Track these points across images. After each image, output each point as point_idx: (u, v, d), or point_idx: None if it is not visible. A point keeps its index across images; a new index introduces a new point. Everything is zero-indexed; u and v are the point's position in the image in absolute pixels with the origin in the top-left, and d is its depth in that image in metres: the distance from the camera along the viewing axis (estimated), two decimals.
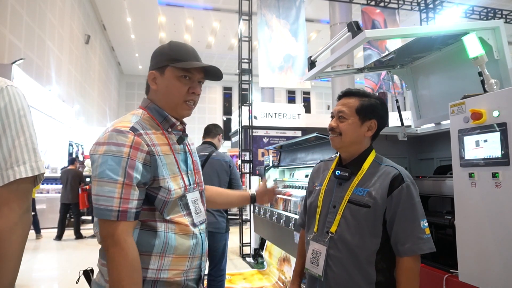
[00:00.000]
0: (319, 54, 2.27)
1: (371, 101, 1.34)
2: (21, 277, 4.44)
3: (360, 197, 1.27)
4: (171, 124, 1.17)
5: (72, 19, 12.36)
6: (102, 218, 0.99)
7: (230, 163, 3.02)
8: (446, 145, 1.69)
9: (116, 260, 0.96)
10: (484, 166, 1.41)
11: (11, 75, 6.52)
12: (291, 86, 7.45)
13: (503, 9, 10.40)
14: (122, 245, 0.97)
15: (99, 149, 1.02)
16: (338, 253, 1.27)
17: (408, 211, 1.23)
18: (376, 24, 9.27)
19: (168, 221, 1.08)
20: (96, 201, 0.99)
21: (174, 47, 1.16)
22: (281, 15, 7.45)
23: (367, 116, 1.33)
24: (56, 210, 7.42)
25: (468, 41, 1.72)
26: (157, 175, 1.06)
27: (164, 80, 1.14)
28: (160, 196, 1.06)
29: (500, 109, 1.36)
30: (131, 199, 0.99)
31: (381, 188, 1.26)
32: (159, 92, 1.16)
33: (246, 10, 6.31)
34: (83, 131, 13.57)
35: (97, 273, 1.10)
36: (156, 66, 1.15)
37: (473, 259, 1.45)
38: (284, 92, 24.46)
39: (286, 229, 3.30)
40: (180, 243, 1.09)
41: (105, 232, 0.99)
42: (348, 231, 1.27)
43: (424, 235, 1.22)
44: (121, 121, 1.09)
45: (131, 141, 1.02)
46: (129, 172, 1.00)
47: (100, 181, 0.99)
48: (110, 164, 0.99)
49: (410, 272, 1.22)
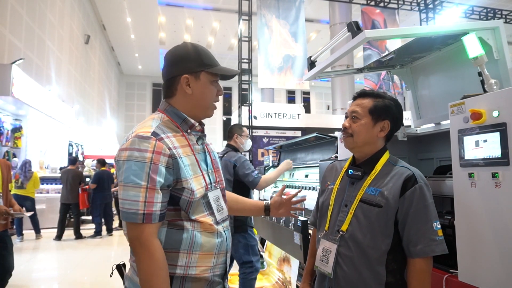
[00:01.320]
0: (319, 54, 2.27)
1: (385, 101, 1.34)
2: (21, 277, 4.45)
3: (373, 196, 1.27)
4: (190, 126, 1.20)
5: (72, 19, 12.37)
6: (128, 221, 1.04)
7: (236, 162, 2.96)
8: (446, 145, 1.69)
9: (143, 261, 1.02)
10: (483, 166, 1.41)
11: (11, 75, 6.52)
12: (290, 87, 7.47)
13: (503, 9, 10.40)
14: (148, 246, 1.02)
15: (123, 155, 1.06)
16: (349, 252, 1.27)
17: (421, 212, 1.22)
18: (376, 24, 9.28)
19: (193, 220, 1.12)
20: (122, 205, 1.04)
21: (202, 52, 1.20)
22: (281, 15, 7.45)
23: (381, 117, 1.33)
24: (56, 210, 7.42)
25: (468, 41, 1.72)
26: (180, 177, 1.10)
27: (199, 84, 1.19)
28: (184, 196, 1.11)
29: (500, 109, 1.36)
30: (155, 202, 1.04)
31: (394, 188, 1.25)
32: (193, 96, 1.19)
33: (246, 10, 6.32)
34: (83, 131, 13.56)
35: (129, 269, 1.16)
36: (190, 70, 1.18)
37: (473, 259, 1.45)
38: (284, 92, 24.47)
39: (286, 229, 3.29)
40: (206, 240, 1.13)
41: (132, 234, 1.04)
42: (360, 230, 1.26)
43: (436, 237, 1.21)
44: (142, 126, 1.12)
45: (153, 146, 1.06)
46: (152, 176, 1.04)
47: (125, 186, 1.04)
48: (134, 169, 1.03)
49: (421, 274, 1.21)
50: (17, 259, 3.36)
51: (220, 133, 24.26)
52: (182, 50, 1.20)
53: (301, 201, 1.59)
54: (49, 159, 10.22)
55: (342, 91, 11.20)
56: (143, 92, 23.86)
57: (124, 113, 23.64)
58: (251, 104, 6.19)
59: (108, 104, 19.94)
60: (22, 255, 5.84)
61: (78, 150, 13.82)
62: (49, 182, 8.56)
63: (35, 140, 9.53)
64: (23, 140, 8.68)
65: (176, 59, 1.19)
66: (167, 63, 1.21)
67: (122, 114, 23.56)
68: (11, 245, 3.15)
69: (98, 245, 6.63)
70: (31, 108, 7.83)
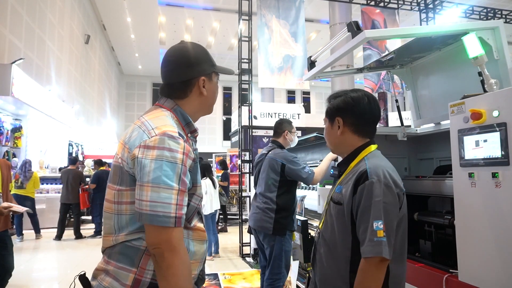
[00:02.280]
0: (319, 54, 2.27)
1: (335, 100, 1.36)
2: (21, 277, 4.45)
3: (337, 194, 1.29)
4: (192, 130, 1.19)
5: (72, 19, 12.36)
6: (158, 225, 0.96)
7: (284, 161, 2.77)
8: (446, 145, 1.69)
9: (176, 265, 0.96)
10: (484, 166, 1.41)
11: (11, 75, 6.52)
12: (290, 87, 7.46)
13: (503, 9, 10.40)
14: (179, 250, 0.98)
15: (150, 154, 0.99)
16: (321, 249, 1.32)
17: (366, 211, 1.17)
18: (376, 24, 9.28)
19: (190, 228, 1.10)
20: (151, 208, 0.96)
21: (208, 53, 1.22)
22: (281, 15, 7.45)
23: (333, 116, 1.36)
24: (56, 210, 7.42)
25: (468, 41, 1.72)
26: (196, 181, 1.09)
27: (212, 85, 1.21)
28: (193, 203, 1.10)
29: (500, 109, 1.36)
30: (183, 205, 1.01)
31: (350, 186, 1.24)
32: (207, 97, 1.20)
33: (246, 10, 6.31)
34: (83, 131, 13.56)
35: (103, 277, 1.06)
36: (205, 72, 1.18)
37: (473, 259, 1.45)
38: (284, 92, 24.46)
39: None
40: (198, 249, 1.12)
41: (160, 238, 0.97)
42: (326, 228, 1.31)
43: (375, 238, 1.12)
44: (164, 123, 1.06)
45: (183, 147, 1.02)
46: (183, 178, 1.01)
47: (156, 186, 0.97)
48: (165, 170, 0.97)
49: (362, 274, 1.14)
50: (17, 259, 3.36)
51: (220, 133, 24.25)
52: (195, 52, 1.18)
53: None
54: (49, 159, 10.21)
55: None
56: (143, 92, 23.85)
57: (124, 113, 23.63)
58: (251, 104, 6.20)
59: (108, 104, 19.94)
60: (22, 255, 5.84)
61: (78, 150, 13.82)
62: (49, 182, 8.56)
63: (35, 140, 9.53)
64: (23, 140, 8.67)
65: (191, 61, 1.16)
66: (179, 65, 1.16)
67: (122, 114, 23.56)
68: (11, 245, 3.15)
69: (98, 245, 6.63)
70: (31, 108, 7.82)
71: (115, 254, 1.05)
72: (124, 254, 1.04)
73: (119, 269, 1.03)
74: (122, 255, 1.04)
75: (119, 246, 1.04)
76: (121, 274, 1.03)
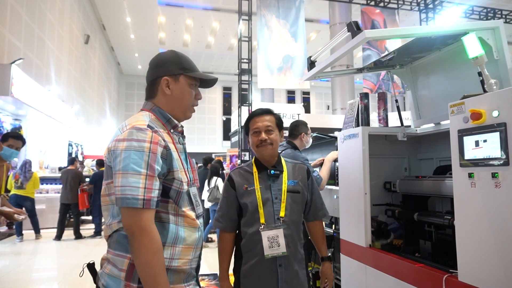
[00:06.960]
0: (319, 54, 2.27)
1: (277, 116, 1.83)
2: (21, 277, 4.45)
3: (293, 186, 1.76)
4: (173, 126, 1.30)
5: (71, 19, 12.36)
6: (128, 207, 1.07)
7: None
8: (446, 145, 1.69)
9: (144, 244, 1.06)
10: (483, 166, 1.41)
11: (10, 75, 6.52)
12: (290, 87, 7.46)
13: (503, 9, 10.41)
14: (148, 230, 1.07)
15: (120, 145, 1.12)
16: (290, 231, 1.69)
17: (317, 191, 1.91)
18: (376, 24, 9.28)
19: (179, 214, 1.20)
20: (121, 192, 1.07)
21: (182, 58, 1.32)
22: (281, 15, 7.45)
23: (281, 127, 1.81)
24: (56, 210, 7.41)
25: (467, 41, 1.72)
26: (172, 167, 1.19)
27: (178, 86, 1.29)
28: (174, 187, 1.19)
29: (500, 109, 1.36)
30: (153, 189, 1.10)
31: (303, 178, 1.81)
32: (172, 97, 1.29)
33: (246, 10, 6.32)
34: (83, 131, 13.56)
35: (105, 266, 1.18)
36: (170, 73, 1.28)
37: (473, 259, 1.45)
38: (284, 92, 24.47)
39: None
40: (188, 234, 1.21)
41: (131, 220, 1.07)
42: (292, 212, 1.71)
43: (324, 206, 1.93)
44: (136, 120, 1.20)
45: (150, 137, 1.13)
46: (151, 164, 1.11)
47: (125, 173, 1.08)
48: (133, 158, 1.09)
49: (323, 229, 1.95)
50: (17, 259, 3.36)
51: (220, 133, 24.26)
52: (164, 55, 1.32)
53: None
54: (49, 159, 10.21)
55: (342, 91, 11.20)
56: (143, 92, 23.54)
57: (124, 113, 23.64)
58: (251, 104, 6.20)
59: (108, 104, 19.94)
60: (22, 255, 5.83)
61: (78, 150, 13.82)
62: (49, 182, 8.55)
63: (35, 140, 9.53)
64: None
65: (158, 63, 1.30)
66: (150, 67, 1.32)
67: (122, 114, 23.56)
68: None
69: (98, 245, 6.63)
70: (30, 108, 7.82)
71: (113, 243, 1.18)
72: (120, 242, 1.15)
73: (117, 256, 1.15)
74: (118, 243, 1.16)
75: (115, 235, 1.17)
76: (118, 261, 1.14)
